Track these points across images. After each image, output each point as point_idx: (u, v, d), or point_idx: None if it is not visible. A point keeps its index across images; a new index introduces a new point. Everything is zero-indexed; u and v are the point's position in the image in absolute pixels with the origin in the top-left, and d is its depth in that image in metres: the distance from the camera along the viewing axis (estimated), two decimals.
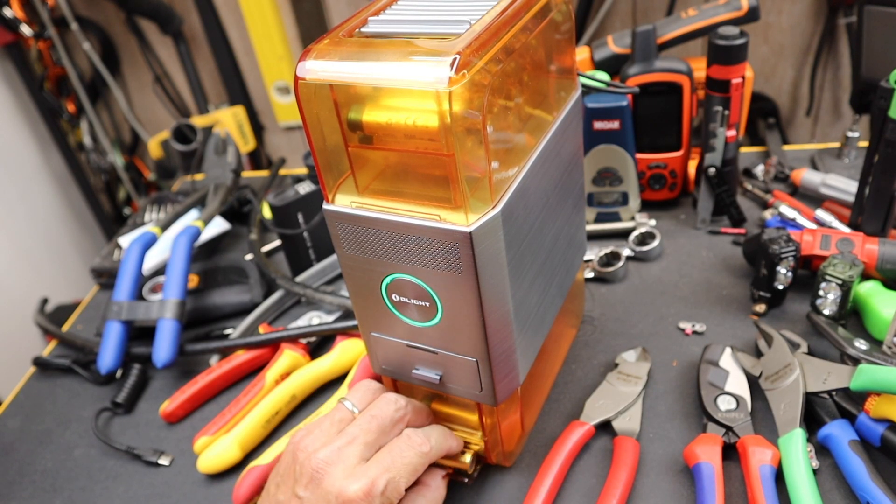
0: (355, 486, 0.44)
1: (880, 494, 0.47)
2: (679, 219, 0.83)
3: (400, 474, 0.46)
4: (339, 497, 0.44)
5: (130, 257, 0.75)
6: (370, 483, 0.44)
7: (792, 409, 0.54)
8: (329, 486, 0.44)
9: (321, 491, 0.44)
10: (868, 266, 0.65)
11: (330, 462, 0.45)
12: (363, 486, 0.44)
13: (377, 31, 0.42)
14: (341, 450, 0.46)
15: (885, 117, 0.64)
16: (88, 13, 1.72)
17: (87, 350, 0.75)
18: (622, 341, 0.67)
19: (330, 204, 0.44)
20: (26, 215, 1.61)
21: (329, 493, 0.44)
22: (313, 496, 0.44)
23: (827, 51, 1.41)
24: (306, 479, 0.45)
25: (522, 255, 0.46)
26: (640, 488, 0.54)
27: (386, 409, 0.49)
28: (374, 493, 0.44)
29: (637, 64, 0.76)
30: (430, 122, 0.38)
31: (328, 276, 0.82)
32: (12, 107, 1.63)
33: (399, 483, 0.45)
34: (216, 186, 0.92)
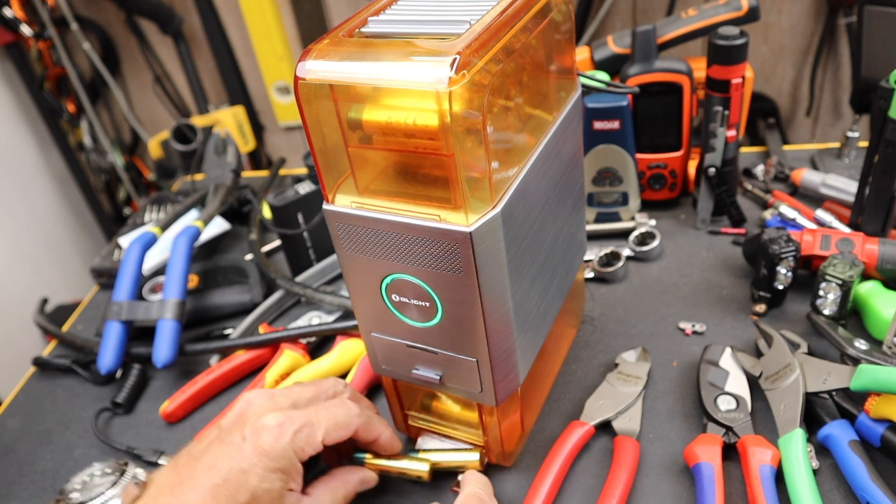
0: (271, 418, 0.46)
1: (880, 494, 0.47)
2: (679, 219, 0.83)
3: (320, 424, 0.48)
4: (254, 424, 0.46)
5: (130, 257, 0.75)
6: (286, 418, 0.46)
7: (792, 409, 0.54)
8: (250, 415, 0.47)
9: (241, 420, 0.47)
10: (868, 266, 0.65)
11: (259, 403, 0.48)
12: (279, 419, 0.46)
13: (377, 31, 0.42)
14: (273, 395, 0.49)
15: (885, 117, 0.64)
16: (88, 13, 1.72)
17: (87, 350, 0.75)
18: (622, 341, 0.67)
19: (330, 204, 0.44)
20: (26, 215, 1.61)
21: (247, 421, 0.47)
22: (233, 425, 0.47)
23: (827, 51, 1.41)
24: (233, 416, 0.48)
25: (522, 255, 0.46)
26: (640, 488, 0.54)
27: (326, 382, 0.53)
28: (286, 429, 0.46)
29: (637, 64, 0.76)
30: (430, 122, 0.38)
31: (328, 276, 0.82)
32: (12, 107, 1.63)
33: (316, 432, 0.47)
34: (216, 186, 0.92)
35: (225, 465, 0.44)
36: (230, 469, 0.44)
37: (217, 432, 0.47)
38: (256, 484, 0.44)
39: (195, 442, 0.48)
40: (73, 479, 0.47)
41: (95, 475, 0.47)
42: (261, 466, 0.44)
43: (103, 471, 0.47)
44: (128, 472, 0.46)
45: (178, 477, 0.45)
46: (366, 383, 0.65)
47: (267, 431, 0.45)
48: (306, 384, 0.52)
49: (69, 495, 0.45)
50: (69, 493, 0.46)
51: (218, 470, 0.44)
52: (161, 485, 0.45)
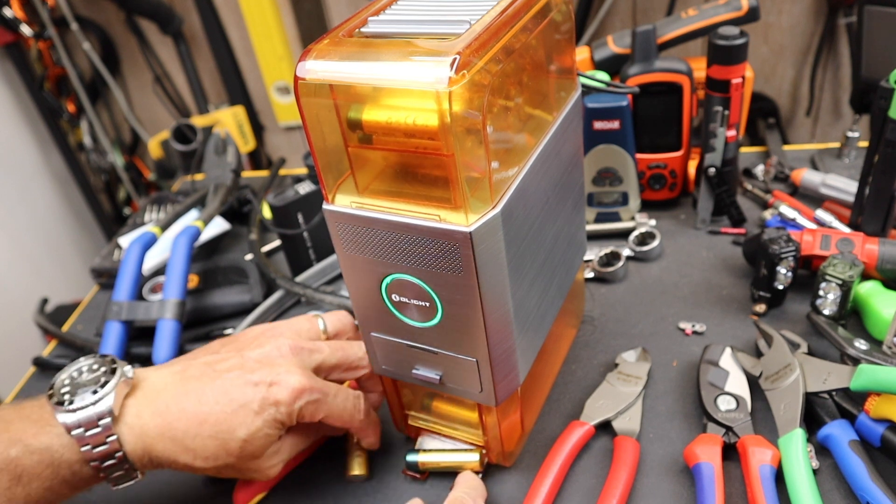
0: (295, 379, 0.48)
1: (880, 494, 0.47)
2: (679, 219, 0.83)
3: (329, 407, 0.50)
4: (279, 375, 0.47)
5: (130, 257, 0.75)
6: (308, 387, 0.48)
7: (792, 409, 0.54)
8: (278, 361, 0.48)
9: (268, 361, 0.48)
10: (868, 266, 0.65)
11: (289, 356, 0.50)
12: (301, 384, 0.48)
13: (377, 31, 0.42)
14: (302, 351, 0.50)
15: (885, 117, 0.64)
16: (88, 13, 1.72)
17: (87, 350, 0.75)
18: (622, 341, 0.67)
19: (330, 204, 0.44)
20: (26, 215, 1.61)
21: (274, 365, 0.48)
22: (259, 363, 0.48)
23: (827, 51, 1.41)
24: (260, 354, 0.49)
25: (522, 255, 0.46)
26: (640, 488, 0.54)
27: (354, 349, 0.54)
28: (303, 397, 0.48)
29: (637, 64, 0.76)
30: (430, 122, 0.38)
31: (328, 276, 0.82)
32: (12, 107, 1.63)
33: (321, 409, 0.50)
34: (216, 186, 0.92)
35: (239, 398, 0.46)
36: (242, 405, 0.46)
37: (240, 360, 0.49)
38: (260, 426, 0.46)
39: (216, 357, 0.50)
40: (60, 374, 0.46)
41: (83, 371, 0.46)
42: (269, 414, 0.47)
43: (90, 366, 0.47)
44: (118, 369, 0.46)
45: (186, 386, 0.47)
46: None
47: (287, 389, 0.47)
48: (335, 349, 0.53)
49: (60, 390, 0.45)
50: (59, 388, 0.45)
51: (231, 400, 0.46)
52: (164, 387, 0.47)
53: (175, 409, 0.46)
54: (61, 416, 0.44)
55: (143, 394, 0.47)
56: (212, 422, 0.46)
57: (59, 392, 0.45)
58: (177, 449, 0.46)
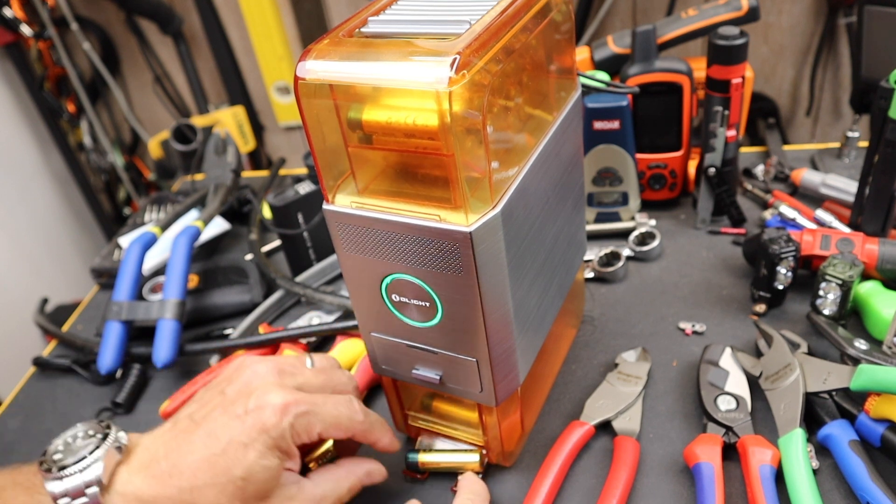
0: (277, 396, 0.45)
1: (880, 494, 0.47)
2: (679, 219, 0.83)
3: (321, 417, 0.47)
4: (259, 398, 0.45)
5: (130, 257, 0.75)
6: (292, 400, 0.46)
7: (792, 409, 0.54)
8: (255, 387, 0.46)
9: (246, 391, 0.46)
10: (868, 266, 0.65)
11: (267, 378, 0.48)
12: (285, 399, 0.45)
13: (377, 31, 0.42)
14: (282, 373, 0.48)
15: (885, 117, 0.64)
16: (88, 13, 1.72)
17: (87, 350, 0.75)
18: (622, 341, 0.67)
19: (330, 204, 0.44)
20: (26, 215, 1.61)
21: (252, 393, 0.46)
22: (238, 395, 0.46)
23: (827, 51, 1.41)
24: (239, 385, 0.47)
25: (522, 255, 0.46)
26: (640, 488, 0.54)
27: (338, 374, 0.52)
28: (290, 411, 0.45)
29: (637, 64, 0.76)
30: (429, 122, 0.38)
31: (328, 276, 0.82)
32: (12, 107, 1.63)
33: (314, 422, 0.47)
34: (216, 186, 0.92)
35: (225, 436, 0.44)
36: (230, 441, 0.44)
37: (220, 399, 0.47)
38: (254, 460, 0.44)
39: (198, 406, 0.48)
40: (55, 440, 0.45)
41: (78, 436, 0.45)
42: (260, 443, 0.44)
43: (86, 432, 0.45)
44: (111, 435, 0.44)
45: (176, 441, 0.45)
46: (366, 383, 0.65)
47: (270, 409, 0.45)
48: (317, 371, 0.51)
49: (52, 456, 0.44)
50: (52, 454, 0.44)
51: (218, 440, 0.44)
52: (156, 449, 0.45)
53: (167, 468, 0.43)
54: (49, 485, 0.42)
55: (137, 459, 0.45)
56: (205, 468, 0.43)
57: (50, 459, 0.44)
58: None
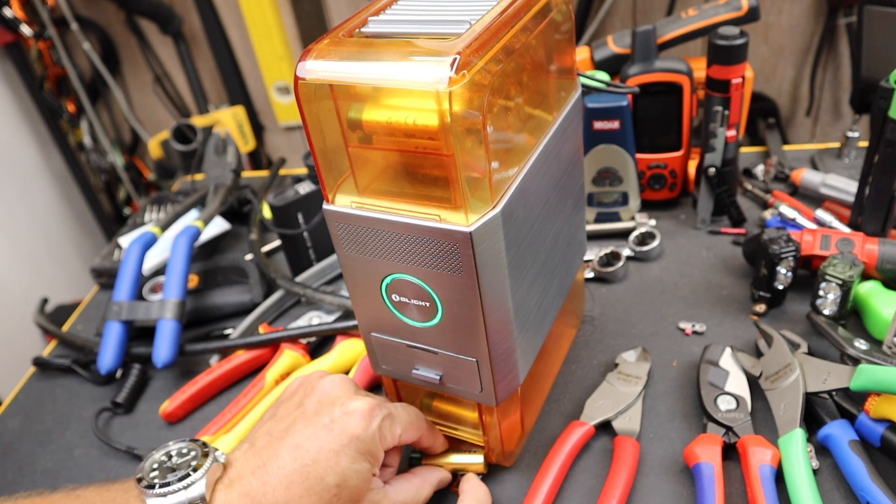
0: (362, 403, 0.46)
1: (880, 494, 0.47)
2: (679, 219, 0.83)
3: (399, 420, 0.48)
4: (344, 407, 0.46)
5: (130, 257, 0.75)
6: (376, 405, 0.47)
7: (792, 409, 0.54)
8: (336, 397, 0.47)
9: (327, 402, 0.47)
10: (868, 266, 0.65)
11: (345, 387, 0.48)
12: (369, 404, 0.46)
13: (377, 31, 0.42)
14: (356, 386, 0.49)
15: (885, 117, 0.64)
16: (88, 13, 1.72)
17: (87, 350, 0.75)
18: (622, 341, 0.67)
19: (330, 204, 0.44)
20: (26, 215, 1.61)
21: (336, 403, 0.46)
22: (319, 407, 0.47)
23: (827, 51, 1.41)
24: (317, 396, 0.47)
25: (522, 255, 0.46)
26: (640, 488, 0.54)
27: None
28: (375, 414, 0.46)
29: (637, 64, 0.76)
30: (430, 122, 0.38)
31: (328, 276, 0.82)
32: (12, 107, 1.63)
33: (395, 425, 0.48)
34: (216, 186, 0.92)
35: (314, 446, 0.44)
36: (319, 450, 0.44)
37: (300, 413, 0.47)
38: (347, 465, 0.44)
39: (274, 422, 0.48)
40: (149, 458, 0.44)
41: (173, 454, 0.44)
42: (352, 448, 0.45)
43: (179, 450, 0.45)
44: (211, 453, 0.44)
45: (260, 459, 0.45)
46: (366, 383, 0.65)
47: (358, 415, 0.45)
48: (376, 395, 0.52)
49: (149, 475, 0.43)
50: (149, 472, 0.43)
51: (306, 451, 0.44)
52: (241, 468, 0.45)
53: (258, 485, 0.43)
54: (151, 501, 0.42)
55: (230, 477, 0.44)
56: (298, 481, 0.43)
57: (148, 475, 0.43)
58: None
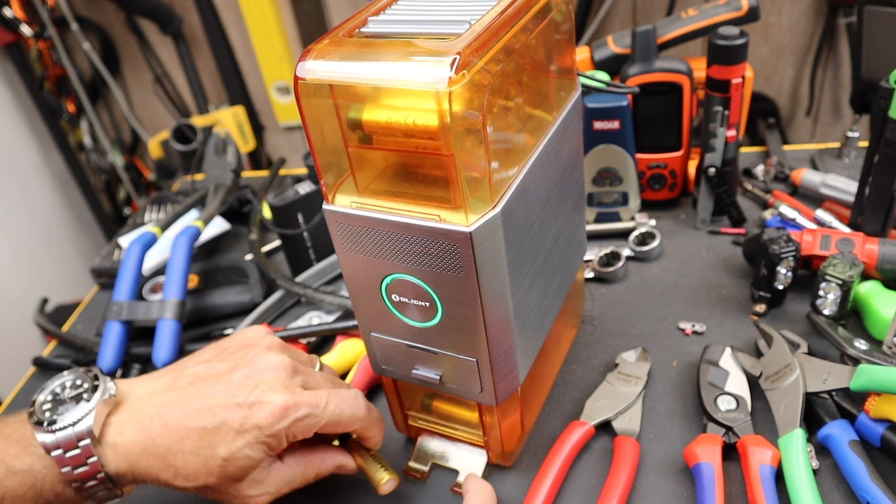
0: (280, 398, 0.46)
1: (880, 494, 0.47)
2: (679, 219, 0.83)
3: (323, 416, 0.47)
4: (263, 395, 0.46)
5: (130, 257, 0.75)
6: (293, 404, 0.46)
7: (792, 409, 0.54)
8: (264, 380, 0.47)
9: (255, 378, 0.47)
10: (868, 266, 0.65)
11: (278, 373, 0.47)
12: (286, 402, 0.46)
13: (377, 31, 0.42)
14: (295, 371, 0.49)
15: (885, 117, 0.64)
16: (88, 13, 1.72)
17: (87, 350, 0.75)
18: (622, 341, 0.67)
19: (330, 204, 0.44)
20: (26, 215, 1.61)
21: (259, 385, 0.46)
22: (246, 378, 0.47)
23: (827, 51, 1.41)
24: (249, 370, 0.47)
25: (522, 255, 0.46)
26: (640, 488, 0.54)
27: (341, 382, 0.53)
28: (289, 414, 0.46)
29: (637, 64, 0.76)
30: (429, 122, 0.38)
31: (328, 276, 0.82)
32: (12, 107, 1.63)
33: (312, 423, 0.47)
34: (216, 186, 0.92)
35: (221, 415, 0.45)
36: (224, 421, 0.45)
37: (228, 375, 0.47)
38: (240, 447, 0.45)
39: (203, 367, 0.48)
40: (42, 391, 0.45)
41: (66, 386, 0.45)
42: (251, 435, 0.45)
43: (73, 382, 0.45)
44: (101, 386, 0.45)
45: (172, 402, 0.46)
46: (366, 383, 0.65)
47: (271, 408, 0.45)
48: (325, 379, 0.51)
49: (41, 408, 0.44)
50: (40, 406, 0.44)
51: (213, 416, 0.45)
52: (149, 402, 0.46)
53: (158, 424, 0.45)
54: (41, 437, 0.43)
55: (128, 409, 0.45)
56: (193, 438, 0.44)
57: (39, 410, 0.44)
58: (159, 466, 0.45)
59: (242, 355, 0.49)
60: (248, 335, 0.52)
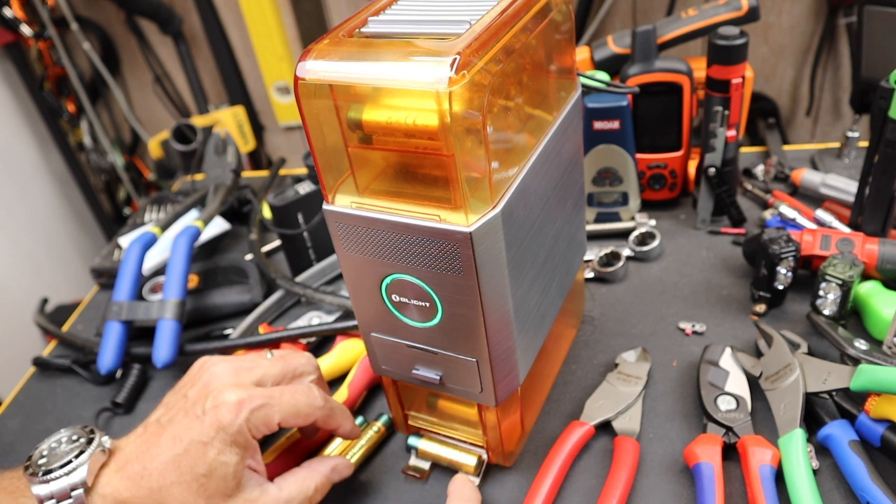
0: (232, 394, 0.47)
1: (880, 494, 0.47)
2: (679, 219, 0.83)
3: (279, 408, 0.48)
4: (216, 398, 0.47)
5: (130, 257, 0.75)
6: (247, 396, 0.47)
7: (792, 409, 0.54)
8: (213, 388, 0.48)
9: (205, 392, 0.48)
10: (868, 266, 0.65)
11: (223, 377, 0.49)
12: (239, 396, 0.47)
13: (377, 31, 0.42)
14: (239, 371, 0.50)
15: (885, 117, 0.64)
16: (88, 13, 1.72)
17: (87, 350, 0.75)
18: (622, 341, 0.67)
19: (330, 204, 0.44)
20: (26, 215, 1.61)
21: (210, 394, 0.48)
22: (198, 397, 0.48)
23: (827, 51, 1.41)
24: (199, 387, 0.49)
25: (522, 255, 0.46)
26: (640, 488, 0.54)
27: (296, 358, 0.54)
28: (245, 407, 0.47)
29: (637, 64, 0.76)
30: (429, 122, 0.38)
31: (328, 276, 0.82)
32: (12, 107, 1.63)
33: (273, 415, 0.48)
34: (216, 186, 0.92)
35: (187, 437, 0.46)
36: (191, 441, 0.46)
37: (183, 403, 0.49)
38: (214, 457, 0.46)
39: (165, 410, 0.50)
40: (40, 445, 0.47)
41: (63, 441, 0.47)
42: (218, 440, 0.46)
43: (70, 437, 0.47)
44: (95, 440, 0.47)
45: (146, 444, 0.47)
46: (366, 383, 0.65)
47: (225, 407, 0.46)
48: (274, 360, 0.53)
49: (37, 461, 0.46)
50: (37, 460, 0.46)
51: (181, 441, 0.46)
52: (129, 452, 0.47)
53: (139, 470, 0.46)
54: (35, 488, 0.44)
55: (115, 461, 0.47)
56: (171, 468, 0.45)
57: (35, 463, 0.46)
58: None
59: (192, 380, 0.51)
60: (194, 366, 0.53)
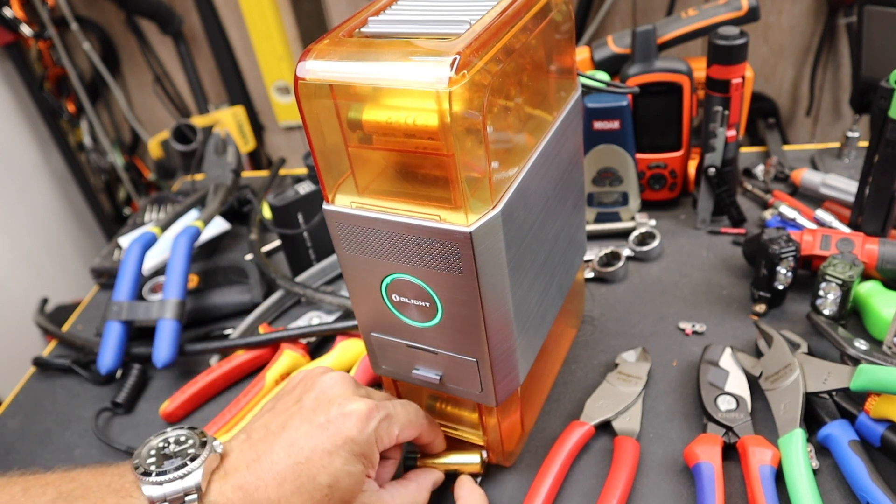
0: (360, 405, 0.46)
1: (880, 494, 0.47)
2: (679, 219, 0.83)
3: (398, 420, 0.48)
4: (342, 408, 0.46)
5: (130, 257, 0.75)
6: (374, 407, 0.46)
7: (792, 409, 0.54)
8: (334, 397, 0.46)
9: (325, 401, 0.46)
10: (868, 266, 0.65)
11: (344, 387, 0.48)
12: (368, 406, 0.46)
13: (377, 31, 0.42)
14: (352, 381, 0.49)
15: (885, 117, 0.64)
16: (88, 13, 1.72)
17: (87, 350, 0.75)
18: (622, 341, 0.67)
19: (330, 204, 0.44)
20: (26, 215, 1.61)
21: (333, 403, 0.46)
22: (317, 405, 0.46)
23: (827, 51, 1.41)
24: (316, 394, 0.47)
25: (522, 255, 0.46)
26: (640, 488, 0.54)
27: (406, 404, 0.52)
28: (373, 417, 0.46)
29: (637, 64, 0.76)
30: (429, 122, 0.38)
31: (328, 276, 0.82)
32: (12, 107, 1.63)
33: (393, 426, 0.47)
34: (216, 186, 0.92)
35: (308, 444, 0.44)
36: (314, 449, 0.44)
37: (298, 409, 0.46)
38: (340, 466, 0.44)
39: (271, 414, 0.47)
40: (146, 444, 0.44)
41: (171, 442, 0.44)
42: (346, 450, 0.44)
43: (177, 438, 0.44)
44: (208, 443, 0.44)
45: (255, 452, 0.44)
46: (365, 383, 0.65)
47: (355, 417, 0.45)
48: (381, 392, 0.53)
49: (146, 461, 0.43)
50: (146, 458, 0.43)
51: (300, 448, 0.44)
52: (236, 459, 0.44)
53: (252, 479, 0.43)
54: (147, 489, 0.41)
55: (223, 468, 0.44)
56: (290, 479, 0.43)
57: (145, 462, 0.43)
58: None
59: (303, 387, 0.49)
60: (299, 374, 0.51)
